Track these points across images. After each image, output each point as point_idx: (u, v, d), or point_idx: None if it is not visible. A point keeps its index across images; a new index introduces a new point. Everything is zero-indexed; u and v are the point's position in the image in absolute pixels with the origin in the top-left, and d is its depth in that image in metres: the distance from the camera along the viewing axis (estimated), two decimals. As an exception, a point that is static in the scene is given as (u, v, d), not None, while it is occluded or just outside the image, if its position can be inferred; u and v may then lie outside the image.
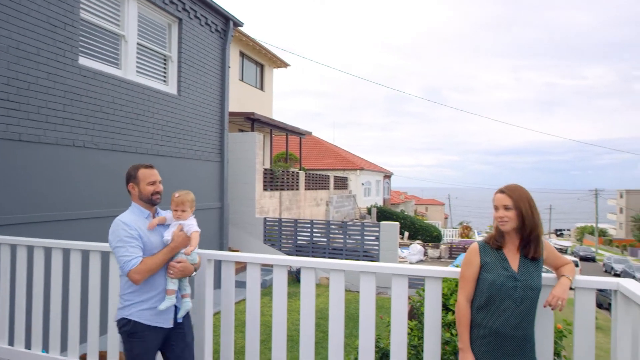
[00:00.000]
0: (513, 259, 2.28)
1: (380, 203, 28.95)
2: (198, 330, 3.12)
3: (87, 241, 3.60)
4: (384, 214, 24.37)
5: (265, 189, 12.57)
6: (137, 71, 6.87)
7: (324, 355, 5.65)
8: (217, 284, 4.03)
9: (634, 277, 29.44)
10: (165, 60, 7.59)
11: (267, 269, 9.43)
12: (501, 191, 2.32)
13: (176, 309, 2.73)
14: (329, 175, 19.12)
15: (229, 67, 9.29)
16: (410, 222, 25.67)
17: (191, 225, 2.74)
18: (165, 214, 2.84)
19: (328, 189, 18.80)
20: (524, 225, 2.25)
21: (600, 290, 3.14)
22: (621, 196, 64.88)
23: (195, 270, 2.80)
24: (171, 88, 7.65)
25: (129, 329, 2.57)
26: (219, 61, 8.95)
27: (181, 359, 2.75)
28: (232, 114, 11.93)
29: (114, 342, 3.34)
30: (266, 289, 9.32)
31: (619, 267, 33.97)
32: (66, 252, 3.56)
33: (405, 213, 29.03)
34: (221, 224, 8.96)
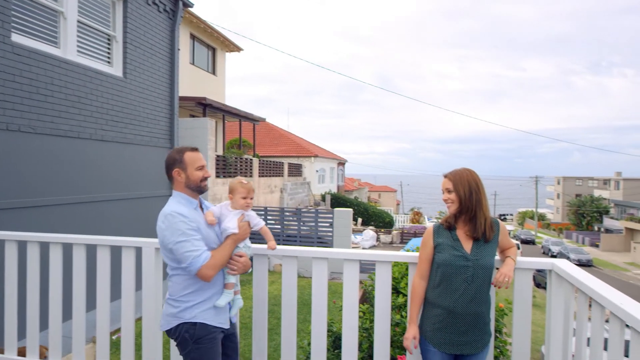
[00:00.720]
0: (466, 240, 2.37)
1: (334, 190, 29.22)
2: (147, 321, 3.04)
3: (22, 232, 3.39)
4: (338, 201, 24.64)
5: (218, 176, 12.33)
6: (78, 51, 6.46)
7: (277, 342, 5.67)
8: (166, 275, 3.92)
9: (568, 258, 31.67)
10: (109, 40, 7.19)
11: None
12: (445, 175, 2.45)
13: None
14: (283, 162, 19.04)
15: (179, 49, 8.95)
16: (364, 209, 26.13)
17: (257, 217, 2.54)
18: (211, 208, 2.55)
19: (282, 176, 18.73)
20: (463, 207, 2.35)
21: (539, 271, 3.34)
22: (558, 183, 69.22)
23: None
24: (116, 70, 7.27)
25: (196, 333, 2.28)
26: (168, 43, 8.60)
27: None
28: (182, 98, 11.54)
29: (56, 336, 3.19)
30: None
31: (555, 249, 36.45)
32: (0, 243, 3.34)
33: (359, 200, 29.50)
34: (172, 212, 8.72)
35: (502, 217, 79.07)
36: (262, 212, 11.63)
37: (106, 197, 6.86)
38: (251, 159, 15.04)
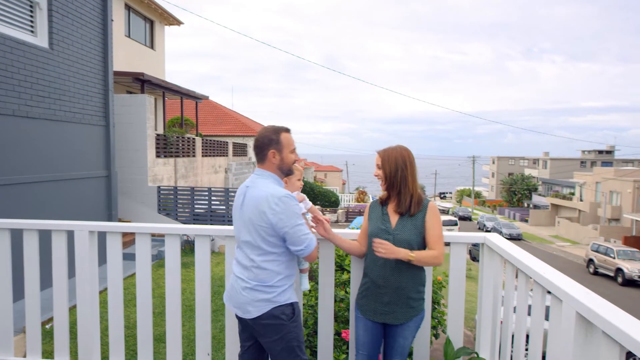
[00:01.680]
0: (394, 215, 2.46)
1: (280, 170, 29.08)
2: (82, 309, 2.90)
3: None
4: (284, 181, 24.59)
5: (158, 156, 11.85)
6: (-4, 18, 5.87)
7: (223, 322, 5.64)
8: (104, 259, 3.75)
9: (501, 233, 33.85)
10: (32, 7, 6.58)
11: (163, 239, 9.01)
12: (377, 151, 2.52)
13: None
14: (227, 142, 18.62)
15: (112, 20, 8.38)
16: (310, 188, 26.33)
17: (306, 197, 2.53)
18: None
19: (227, 155, 18.35)
20: (388, 183, 2.43)
21: (475, 246, 3.53)
22: (493, 162, 73.26)
23: None
24: (41, 40, 6.69)
25: (293, 312, 2.32)
26: (100, 12, 8.02)
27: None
28: (118, 73, 10.88)
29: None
30: (162, 260, 8.95)
31: (489, 224, 38.82)
32: None
33: (305, 179, 29.65)
34: (109, 193, 8.29)
35: (442, 196, 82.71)
36: (206, 193, 11.37)
37: (33, 178, 6.39)
38: (194, 138, 14.57)
